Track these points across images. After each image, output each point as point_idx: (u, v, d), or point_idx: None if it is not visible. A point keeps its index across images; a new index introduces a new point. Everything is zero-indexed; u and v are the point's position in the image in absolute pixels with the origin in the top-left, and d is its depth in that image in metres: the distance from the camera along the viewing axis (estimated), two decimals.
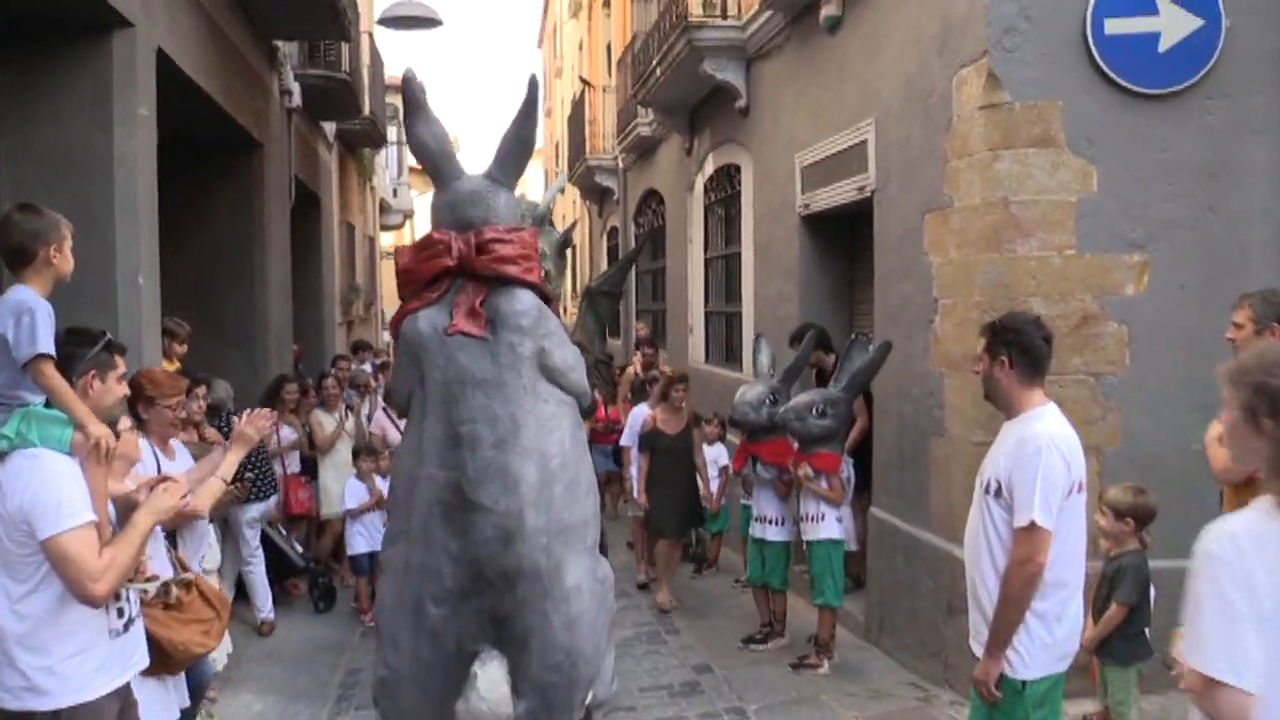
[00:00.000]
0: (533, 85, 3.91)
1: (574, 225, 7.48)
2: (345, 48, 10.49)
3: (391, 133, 18.81)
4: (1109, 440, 5.30)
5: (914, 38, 6.05)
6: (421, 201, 36.87)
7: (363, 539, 7.11)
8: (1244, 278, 5.16)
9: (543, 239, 5.00)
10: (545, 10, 32.78)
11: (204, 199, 7.66)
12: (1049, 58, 5.17)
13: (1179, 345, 5.23)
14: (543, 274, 3.99)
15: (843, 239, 8.05)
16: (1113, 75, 5.14)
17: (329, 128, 12.81)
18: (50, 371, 2.68)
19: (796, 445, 6.20)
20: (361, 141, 15.13)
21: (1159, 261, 5.23)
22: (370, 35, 13.06)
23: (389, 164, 24.01)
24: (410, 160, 30.03)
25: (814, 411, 6.01)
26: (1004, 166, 5.23)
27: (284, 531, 7.21)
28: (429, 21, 9.56)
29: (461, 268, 3.78)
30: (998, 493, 3.16)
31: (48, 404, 2.76)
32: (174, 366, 5.87)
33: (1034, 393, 3.25)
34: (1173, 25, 5.13)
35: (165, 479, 3.15)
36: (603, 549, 4.69)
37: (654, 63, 10.64)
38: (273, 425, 4.56)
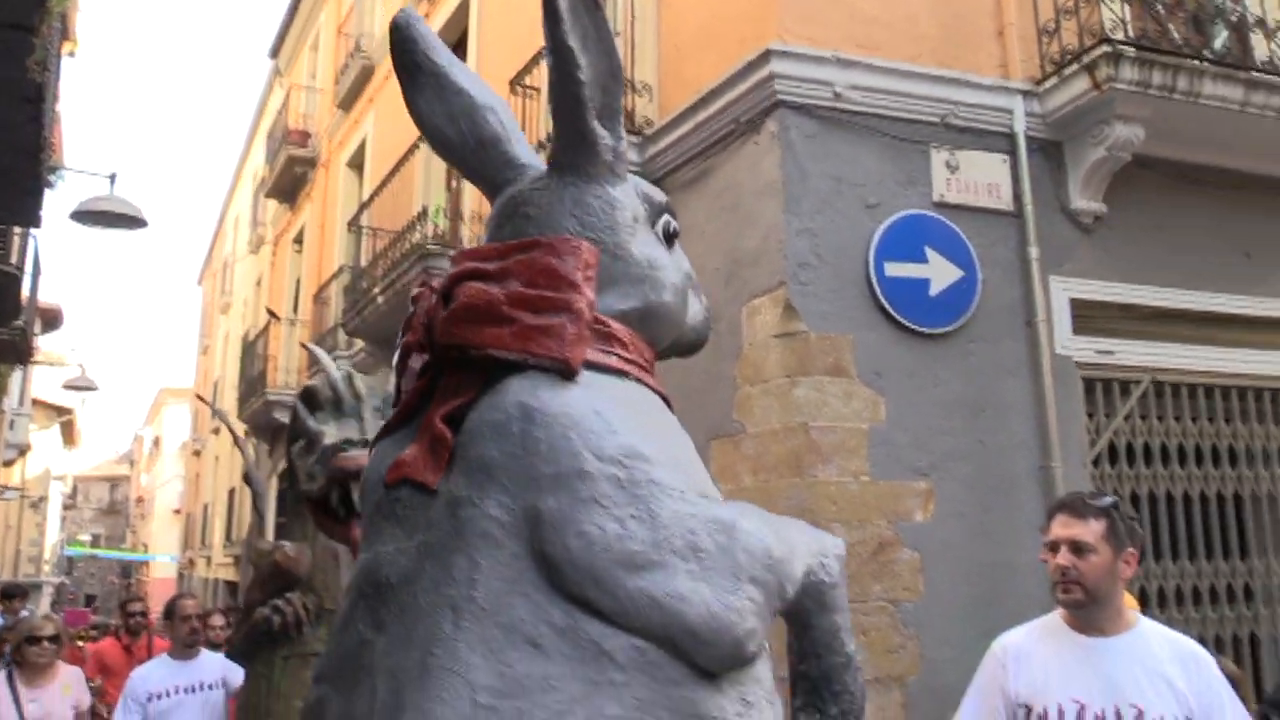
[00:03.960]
0: None
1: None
2: (16, 240, 9.17)
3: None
4: (910, 669, 5.21)
5: (694, 270, 6.17)
6: (40, 438, 31.97)
7: None
8: (1013, 508, 5.50)
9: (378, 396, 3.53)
10: (211, 249, 31.53)
11: None
12: (839, 293, 5.43)
13: (962, 573, 5.36)
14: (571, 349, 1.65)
15: None
16: (894, 313, 5.48)
17: None
18: None
19: None
20: (3, 354, 13.10)
21: (941, 490, 5.42)
22: (35, 239, 11.60)
23: (12, 389, 20.95)
24: (36, 390, 26.30)
25: None
26: (802, 393, 5.30)
27: None
28: (133, 221, 8.56)
29: (432, 343, 1.77)
30: None
31: None
32: None
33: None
34: (939, 274, 5.61)
35: None
36: None
37: (375, 291, 10.24)
38: None
